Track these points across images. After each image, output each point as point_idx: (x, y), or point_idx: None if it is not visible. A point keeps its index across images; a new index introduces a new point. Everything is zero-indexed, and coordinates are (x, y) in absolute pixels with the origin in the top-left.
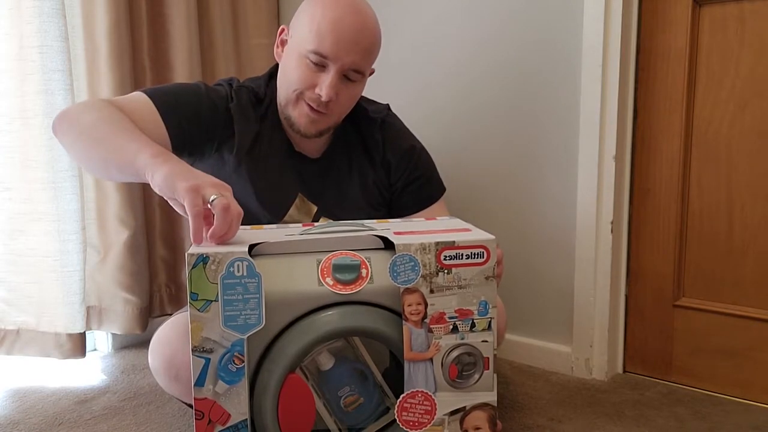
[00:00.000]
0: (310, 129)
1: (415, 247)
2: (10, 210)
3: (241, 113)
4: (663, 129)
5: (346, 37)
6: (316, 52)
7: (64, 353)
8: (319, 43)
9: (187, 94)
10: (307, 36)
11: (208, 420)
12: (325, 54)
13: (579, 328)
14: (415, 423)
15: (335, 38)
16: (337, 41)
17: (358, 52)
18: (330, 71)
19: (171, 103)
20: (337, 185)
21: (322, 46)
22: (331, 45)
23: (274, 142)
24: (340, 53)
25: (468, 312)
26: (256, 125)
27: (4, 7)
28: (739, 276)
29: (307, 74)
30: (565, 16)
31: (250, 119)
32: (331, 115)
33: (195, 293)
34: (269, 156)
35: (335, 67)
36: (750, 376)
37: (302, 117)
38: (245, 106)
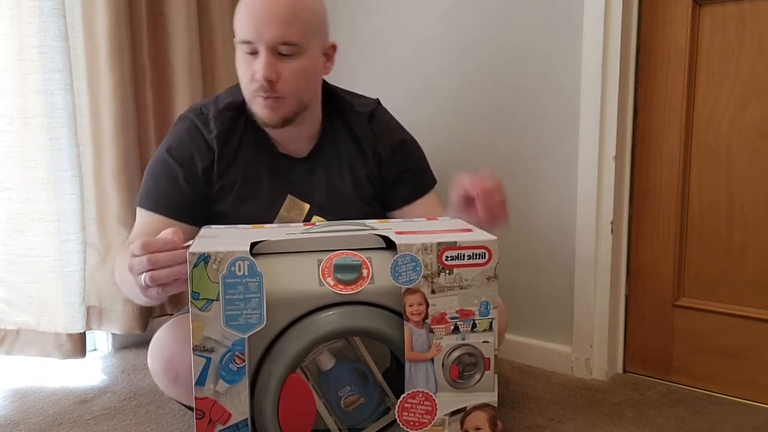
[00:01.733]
0: (272, 118)
1: (417, 247)
2: (10, 210)
3: (224, 140)
4: (663, 129)
5: (260, 14)
6: (243, 41)
7: (64, 353)
8: (240, 29)
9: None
10: (236, 28)
11: (208, 419)
12: (248, 38)
13: (579, 328)
14: (416, 423)
15: (251, 19)
16: (254, 21)
17: (276, 24)
18: (260, 53)
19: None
20: (328, 182)
21: (243, 32)
22: (249, 26)
23: (259, 148)
24: (259, 31)
25: (469, 312)
26: (240, 137)
27: (4, 7)
28: (739, 276)
29: (246, 66)
30: (565, 16)
31: (232, 138)
32: (285, 98)
33: (196, 292)
34: (253, 163)
35: (262, 46)
36: (750, 376)
37: (261, 109)
38: (227, 130)
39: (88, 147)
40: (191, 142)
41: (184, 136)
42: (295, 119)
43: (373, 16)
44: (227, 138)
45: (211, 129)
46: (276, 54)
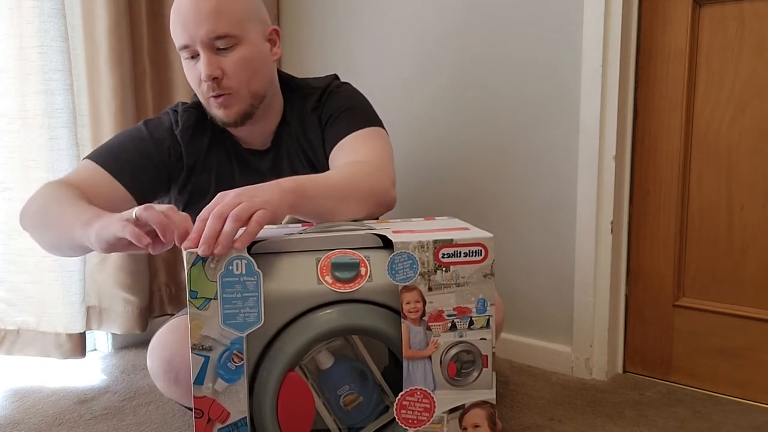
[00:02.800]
0: (230, 116)
1: (414, 245)
2: (10, 210)
3: (189, 136)
4: (663, 129)
5: (187, 15)
6: (180, 48)
7: (64, 353)
8: (176, 37)
9: (131, 142)
10: (174, 42)
11: (207, 418)
12: (184, 42)
13: (579, 328)
14: (414, 421)
15: (180, 23)
16: (183, 25)
17: (204, 20)
18: (200, 54)
19: (118, 159)
20: (291, 170)
21: (178, 39)
22: (181, 31)
23: (224, 147)
24: (191, 33)
25: (466, 310)
26: (206, 139)
27: (4, 7)
28: (739, 276)
29: (191, 72)
30: (565, 16)
31: (197, 137)
32: (236, 93)
33: (194, 291)
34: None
35: (198, 46)
36: (750, 376)
37: (217, 110)
38: (192, 126)
39: (88, 147)
40: (167, 131)
41: (163, 123)
42: (253, 113)
43: (374, 19)
44: (192, 135)
45: (179, 123)
46: (214, 50)
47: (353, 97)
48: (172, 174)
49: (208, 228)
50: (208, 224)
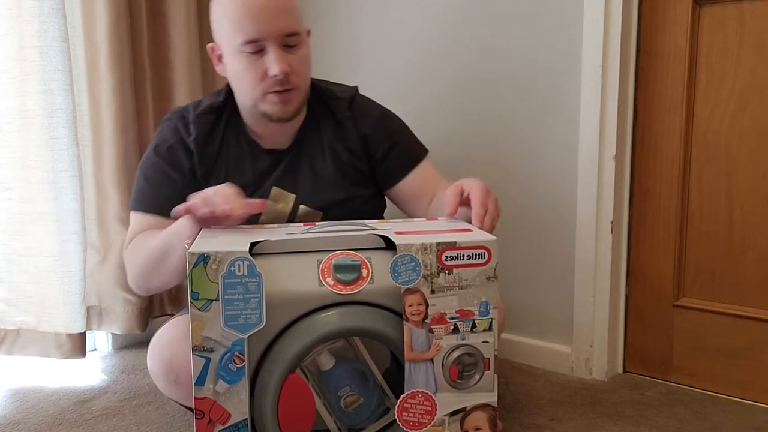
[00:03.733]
0: (288, 112)
1: (417, 248)
2: (10, 210)
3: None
4: (663, 129)
5: (261, 11)
6: (247, 41)
7: (64, 353)
8: (243, 30)
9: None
10: (230, 34)
11: (208, 419)
12: (254, 37)
13: (579, 328)
14: (416, 423)
15: (253, 18)
16: (258, 19)
17: (278, 16)
18: (270, 49)
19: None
20: (311, 170)
21: (247, 33)
22: (253, 26)
23: (240, 146)
24: (265, 28)
25: (469, 312)
26: (217, 142)
27: (4, 7)
28: (739, 276)
29: (254, 67)
30: (565, 17)
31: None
32: (297, 89)
33: (196, 292)
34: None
35: (270, 42)
36: (750, 376)
37: (274, 106)
38: (206, 133)
39: (88, 147)
40: (176, 144)
41: (168, 137)
42: (301, 110)
43: (374, 20)
44: (206, 141)
45: (191, 132)
46: (283, 47)
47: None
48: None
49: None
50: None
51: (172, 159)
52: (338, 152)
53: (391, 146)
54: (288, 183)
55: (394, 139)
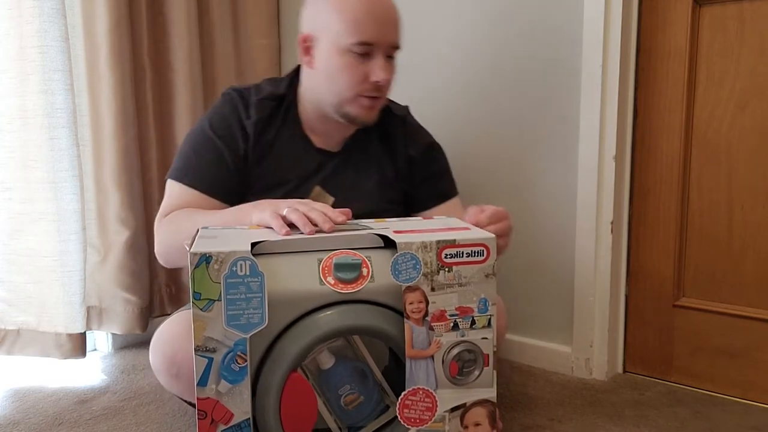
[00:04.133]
0: (372, 117)
1: (417, 246)
2: (10, 210)
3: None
4: (663, 129)
5: (383, 18)
6: (361, 43)
7: (65, 353)
8: (361, 32)
9: (208, 154)
10: (342, 30)
11: (210, 419)
12: (371, 41)
13: (579, 328)
14: (417, 420)
15: (375, 22)
16: (379, 25)
17: (394, 27)
18: (377, 55)
19: (204, 178)
20: (355, 178)
21: (365, 35)
22: (374, 30)
23: (293, 140)
24: (382, 35)
25: (468, 309)
26: (274, 131)
27: (4, 7)
28: (739, 276)
29: (355, 68)
30: (565, 16)
31: (267, 129)
32: (383, 97)
33: (198, 293)
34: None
35: (381, 49)
36: (750, 376)
37: (362, 109)
38: (265, 119)
39: (88, 147)
40: (234, 123)
41: (227, 115)
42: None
43: None
44: (264, 126)
45: (250, 114)
46: (386, 57)
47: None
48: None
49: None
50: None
51: (228, 137)
52: (383, 167)
53: (429, 176)
54: (330, 185)
55: (434, 170)
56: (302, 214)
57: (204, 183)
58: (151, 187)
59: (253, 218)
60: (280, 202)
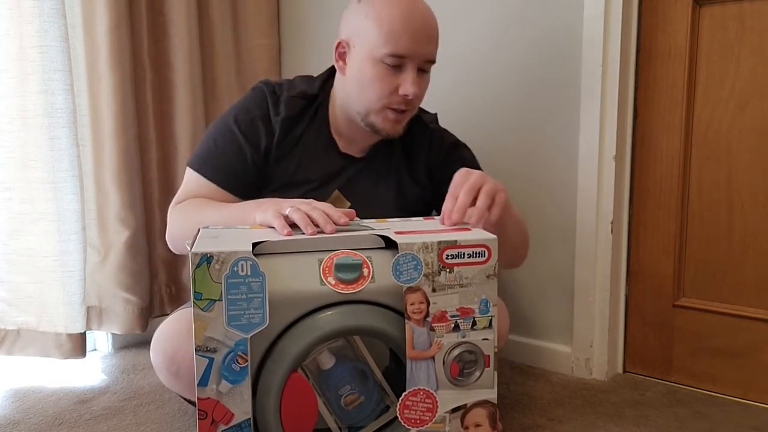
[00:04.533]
0: (398, 130)
1: (418, 246)
2: (10, 210)
3: (288, 126)
4: (663, 129)
5: (419, 31)
6: (394, 54)
7: (65, 353)
8: (395, 44)
9: (229, 147)
10: (377, 40)
11: (211, 419)
12: (404, 53)
13: (579, 328)
14: (417, 420)
15: (411, 35)
16: (414, 38)
17: (430, 42)
18: (408, 69)
19: (221, 171)
20: (374, 186)
21: (398, 47)
22: (408, 43)
23: (319, 141)
24: (416, 49)
25: (469, 310)
26: (300, 129)
27: (4, 7)
28: (739, 276)
29: (386, 80)
30: (565, 16)
31: (294, 128)
32: (411, 111)
33: (199, 293)
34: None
35: (413, 63)
36: (750, 376)
37: (387, 122)
38: (293, 117)
39: (88, 147)
40: (259, 117)
41: (253, 110)
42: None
43: None
44: (292, 124)
45: (280, 111)
46: (419, 70)
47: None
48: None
49: (462, 201)
50: (461, 198)
51: (251, 132)
52: (403, 178)
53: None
54: (349, 190)
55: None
56: (304, 214)
57: (220, 176)
58: (151, 187)
59: (256, 217)
60: (283, 202)
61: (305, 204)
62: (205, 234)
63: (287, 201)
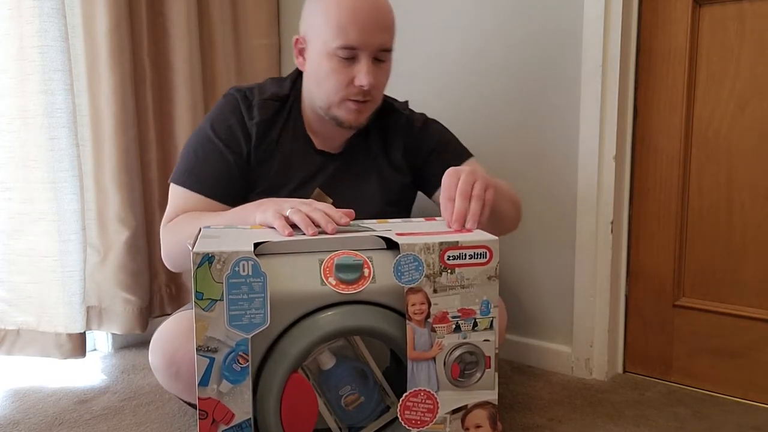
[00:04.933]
0: (360, 120)
1: (419, 247)
2: (10, 210)
3: (263, 129)
4: (663, 129)
5: (367, 21)
6: (344, 47)
7: (64, 353)
8: (345, 36)
9: (210, 156)
10: (328, 34)
11: (211, 419)
12: (354, 45)
13: (579, 328)
14: (418, 421)
15: (359, 26)
16: (363, 28)
17: (381, 31)
18: (362, 59)
19: (206, 182)
20: (355, 181)
21: (348, 39)
22: (357, 34)
23: (296, 141)
24: (366, 39)
25: (470, 311)
26: (277, 132)
27: (4, 7)
28: (739, 276)
29: (342, 73)
30: (565, 16)
31: (269, 130)
32: (373, 101)
33: (200, 292)
34: (289, 156)
35: (366, 53)
36: (750, 376)
37: (349, 113)
38: (268, 120)
39: (88, 147)
40: (235, 124)
41: (228, 117)
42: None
43: None
44: (267, 127)
45: (254, 115)
46: (374, 60)
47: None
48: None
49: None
50: (458, 205)
51: (230, 139)
52: (382, 168)
53: (432, 151)
54: (331, 187)
55: (434, 144)
56: (305, 215)
57: (207, 186)
58: (151, 187)
59: (256, 218)
60: (283, 202)
61: (305, 205)
62: (207, 234)
63: (287, 201)
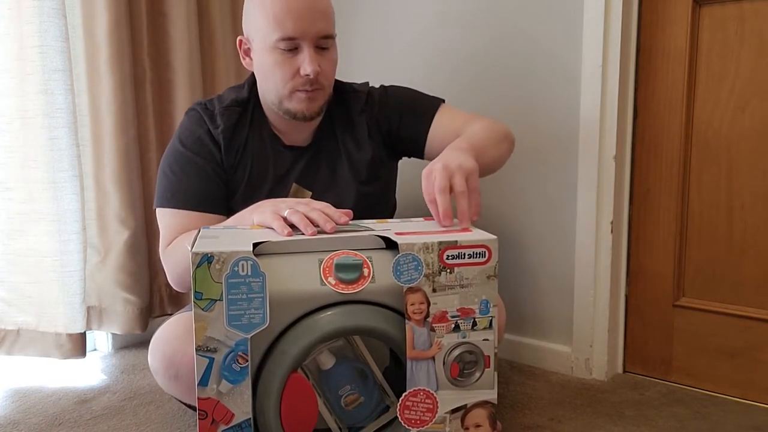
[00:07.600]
0: (313, 109)
1: (419, 247)
2: (10, 210)
3: (230, 135)
4: (663, 129)
5: (303, 10)
6: (283, 38)
7: (64, 353)
8: (282, 28)
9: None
10: (267, 29)
11: (211, 419)
12: (292, 35)
13: (579, 328)
14: (417, 421)
15: (295, 17)
16: (299, 18)
17: (318, 19)
18: (304, 49)
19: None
20: (329, 169)
21: (286, 30)
22: (294, 24)
23: (263, 141)
24: (304, 28)
25: (470, 311)
26: (243, 135)
27: (4, 7)
28: (739, 276)
29: (286, 65)
30: (564, 17)
31: (236, 135)
32: (324, 89)
33: (199, 292)
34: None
35: (306, 42)
36: (750, 376)
37: (300, 104)
38: (233, 125)
39: (88, 147)
40: (203, 135)
41: (195, 130)
42: (323, 109)
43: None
44: (233, 133)
45: (218, 124)
46: (316, 48)
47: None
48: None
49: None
50: (441, 204)
51: (202, 150)
52: (351, 151)
53: (400, 114)
54: (307, 180)
55: (401, 105)
56: (303, 215)
57: (194, 201)
58: (151, 187)
59: (254, 220)
60: (280, 203)
61: (303, 205)
62: (206, 234)
63: (284, 201)
